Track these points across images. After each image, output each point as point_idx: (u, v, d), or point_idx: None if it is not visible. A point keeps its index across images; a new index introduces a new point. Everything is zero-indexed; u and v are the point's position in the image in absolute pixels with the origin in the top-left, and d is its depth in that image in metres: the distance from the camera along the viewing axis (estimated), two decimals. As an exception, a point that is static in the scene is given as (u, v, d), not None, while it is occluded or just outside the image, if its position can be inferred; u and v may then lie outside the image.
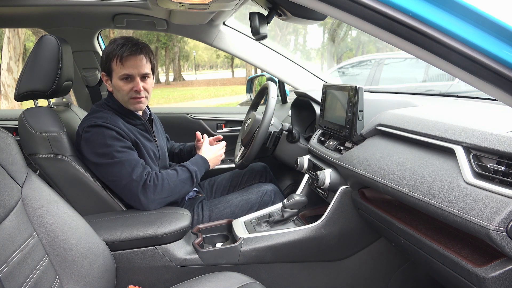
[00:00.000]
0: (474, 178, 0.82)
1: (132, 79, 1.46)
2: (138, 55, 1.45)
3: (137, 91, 1.46)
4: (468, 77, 0.67)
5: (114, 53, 1.44)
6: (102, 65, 1.50)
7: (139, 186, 1.37)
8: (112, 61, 1.45)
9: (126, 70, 1.44)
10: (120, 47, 1.43)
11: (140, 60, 1.46)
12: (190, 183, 1.50)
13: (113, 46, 1.45)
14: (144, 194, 1.38)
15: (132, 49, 1.44)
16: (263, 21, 1.35)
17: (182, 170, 1.50)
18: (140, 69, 1.46)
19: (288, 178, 2.27)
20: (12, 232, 0.89)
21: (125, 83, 1.46)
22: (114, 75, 1.46)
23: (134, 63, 1.44)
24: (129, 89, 1.46)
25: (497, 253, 0.82)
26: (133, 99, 1.48)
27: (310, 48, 23.76)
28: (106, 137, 1.39)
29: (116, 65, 1.45)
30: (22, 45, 7.70)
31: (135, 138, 1.48)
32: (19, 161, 1.00)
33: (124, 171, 1.37)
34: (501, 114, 1.16)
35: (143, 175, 1.39)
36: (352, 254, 1.44)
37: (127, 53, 1.43)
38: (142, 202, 1.38)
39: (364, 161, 1.20)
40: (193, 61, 27.90)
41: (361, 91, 1.31)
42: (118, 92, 1.48)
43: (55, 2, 1.82)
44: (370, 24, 0.69)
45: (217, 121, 2.41)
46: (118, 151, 1.39)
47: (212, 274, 1.17)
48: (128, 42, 1.45)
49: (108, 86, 1.52)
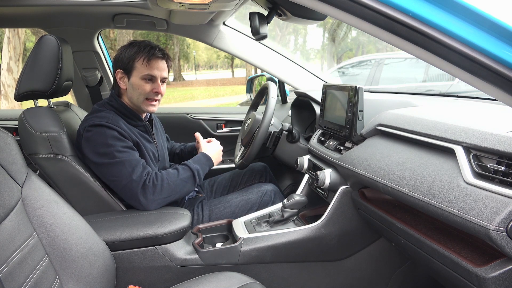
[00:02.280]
0: (474, 178, 0.82)
1: (154, 80, 1.51)
2: (164, 59, 1.53)
3: (158, 92, 1.52)
4: (468, 77, 0.67)
5: (141, 53, 1.48)
6: (120, 63, 1.51)
7: (139, 187, 1.37)
8: (136, 60, 1.48)
9: (151, 71, 1.49)
10: (149, 49, 1.49)
11: (164, 64, 1.53)
12: (192, 182, 1.49)
13: (139, 47, 1.49)
14: (143, 195, 1.38)
15: (160, 53, 1.51)
16: (263, 21, 1.35)
17: (184, 169, 1.50)
18: (163, 72, 1.53)
19: (288, 178, 2.27)
20: (12, 232, 0.89)
21: (147, 83, 1.50)
22: (136, 74, 1.49)
23: (159, 66, 1.51)
24: (149, 90, 1.50)
25: (497, 253, 0.82)
26: (149, 100, 1.52)
27: (310, 48, 23.76)
28: (108, 136, 1.39)
29: (141, 65, 1.48)
30: (22, 45, 7.70)
31: (136, 138, 1.48)
32: (19, 161, 1.00)
33: (124, 171, 1.38)
34: (501, 114, 1.16)
35: (143, 175, 1.39)
36: (352, 254, 1.44)
37: (155, 56, 1.49)
38: (142, 202, 1.38)
39: (364, 161, 1.20)
40: (193, 61, 27.91)
41: (361, 91, 1.31)
42: (135, 91, 1.50)
43: (55, 2, 1.83)
44: (370, 24, 0.69)
45: (217, 121, 2.41)
46: (119, 151, 1.39)
47: (212, 274, 1.17)
48: (156, 46, 1.52)
49: (121, 84, 1.53)
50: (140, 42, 1.52)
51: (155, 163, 1.57)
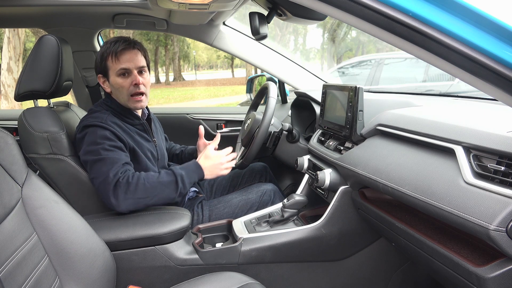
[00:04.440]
0: (474, 178, 0.82)
1: (130, 73, 1.46)
2: (132, 49, 1.47)
3: (137, 84, 1.46)
4: (468, 77, 0.67)
5: (108, 51, 1.45)
6: (98, 67, 1.50)
7: (111, 185, 1.30)
8: (107, 59, 1.46)
9: (122, 65, 1.44)
10: (113, 44, 1.45)
11: (135, 54, 1.47)
12: (173, 188, 1.37)
13: (106, 46, 1.46)
14: (114, 194, 1.30)
15: (126, 44, 1.45)
16: (263, 21, 1.35)
17: (167, 173, 1.40)
18: (137, 62, 1.46)
19: (288, 178, 2.27)
20: (12, 232, 0.89)
21: (123, 78, 1.46)
22: (111, 73, 1.46)
23: (129, 57, 1.45)
24: (128, 85, 1.46)
25: (497, 253, 0.82)
26: (133, 96, 1.47)
27: (310, 48, 23.76)
28: (98, 135, 1.37)
29: (112, 62, 1.45)
30: (22, 45, 7.71)
31: (132, 141, 1.46)
32: (19, 161, 1.00)
33: (103, 169, 1.32)
34: (501, 114, 1.16)
35: (119, 173, 1.32)
36: (352, 254, 1.44)
37: (121, 48, 1.44)
38: (112, 201, 1.30)
39: (364, 161, 1.20)
40: (193, 61, 27.91)
41: (361, 91, 1.31)
42: (118, 91, 1.48)
43: (55, 2, 1.83)
44: (370, 24, 0.69)
45: (217, 121, 2.41)
46: (105, 149, 1.35)
47: (212, 274, 1.17)
48: (120, 39, 1.47)
49: (106, 88, 1.51)
50: (107, 41, 1.48)
51: (154, 162, 1.55)
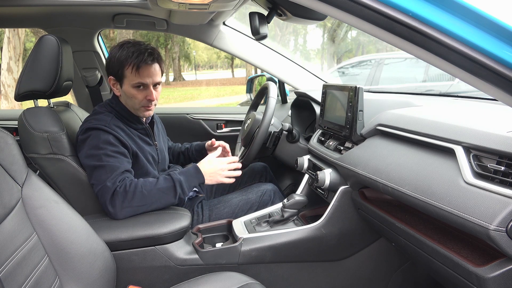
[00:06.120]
0: (474, 178, 0.82)
1: (146, 87, 1.45)
2: (153, 64, 1.45)
3: (151, 100, 1.46)
4: (468, 77, 0.67)
5: (129, 60, 1.41)
6: (111, 70, 1.46)
7: (109, 193, 1.31)
8: (126, 67, 1.42)
9: (141, 79, 1.43)
10: (137, 56, 1.41)
11: (154, 69, 1.45)
12: (171, 193, 1.37)
13: (127, 53, 1.42)
14: (111, 203, 1.31)
15: (149, 59, 1.42)
16: (263, 21, 1.35)
17: (165, 179, 1.39)
18: (155, 77, 1.45)
19: (288, 178, 2.27)
20: (12, 232, 0.89)
21: (138, 91, 1.45)
22: (127, 82, 1.44)
23: (149, 72, 1.43)
24: (142, 98, 1.45)
25: (497, 253, 0.82)
26: (144, 107, 1.48)
27: (310, 48, 23.75)
28: (101, 140, 1.36)
29: (130, 73, 1.42)
30: (22, 45, 7.70)
31: (135, 145, 1.46)
32: (19, 161, 1.00)
33: (102, 177, 1.33)
34: (501, 114, 1.16)
35: (117, 182, 1.32)
36: (352, 254, 1.44)
37: (144, 63, 1.41)
38: (110, 210, 1.31)
39: (364, 161, 1.20)
40: (193, 61, 27.91)
41: (361, 91, 1.31)
42: (129, 99, 1.47)
43: (55, 2, 1.83)
44: (370, 24, 0.69)
45: (217, 121, 2.41)
46: (107, 155, 1.35)
47: (212, 274, 1.17)
48: (144, 50, 1.42)
49: (115, 91, 1.50)
50: (129, 46, 1.44)
51: (154, 166, 1.56)
